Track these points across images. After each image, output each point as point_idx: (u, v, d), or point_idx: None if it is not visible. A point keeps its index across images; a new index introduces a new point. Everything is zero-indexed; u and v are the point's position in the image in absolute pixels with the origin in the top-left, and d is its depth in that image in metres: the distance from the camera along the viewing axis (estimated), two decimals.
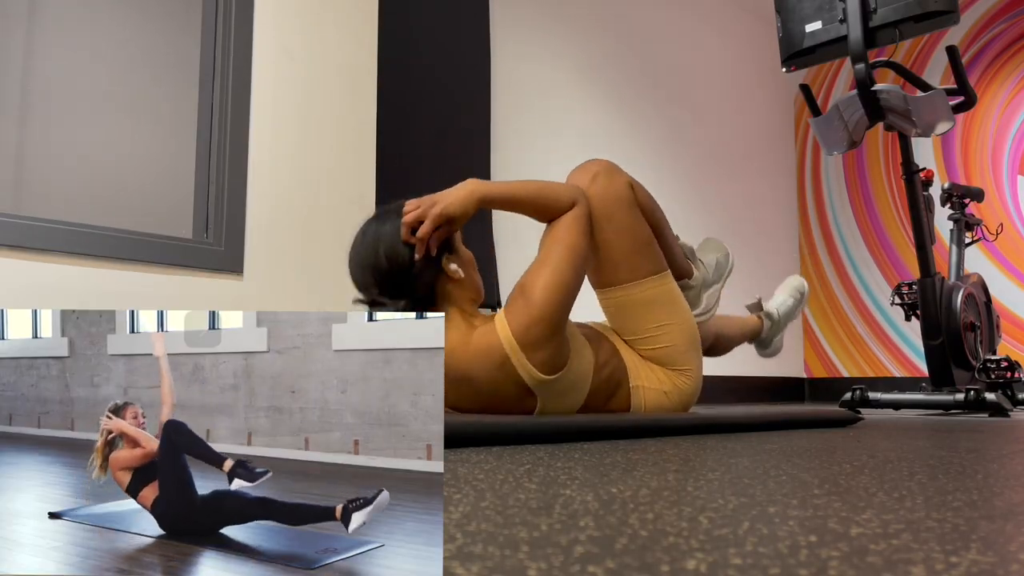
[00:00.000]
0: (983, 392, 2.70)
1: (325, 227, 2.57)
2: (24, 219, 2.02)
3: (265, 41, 2.53)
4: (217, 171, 2.40)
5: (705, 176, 4.87)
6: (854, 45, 2.57)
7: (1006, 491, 0.74)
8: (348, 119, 2.72)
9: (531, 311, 1.51)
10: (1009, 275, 4.67)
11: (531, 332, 1.51)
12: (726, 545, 0.48)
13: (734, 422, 1.68)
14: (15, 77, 2.20)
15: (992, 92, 4.85)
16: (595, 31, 4.25)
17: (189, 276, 2.28)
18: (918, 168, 2.86)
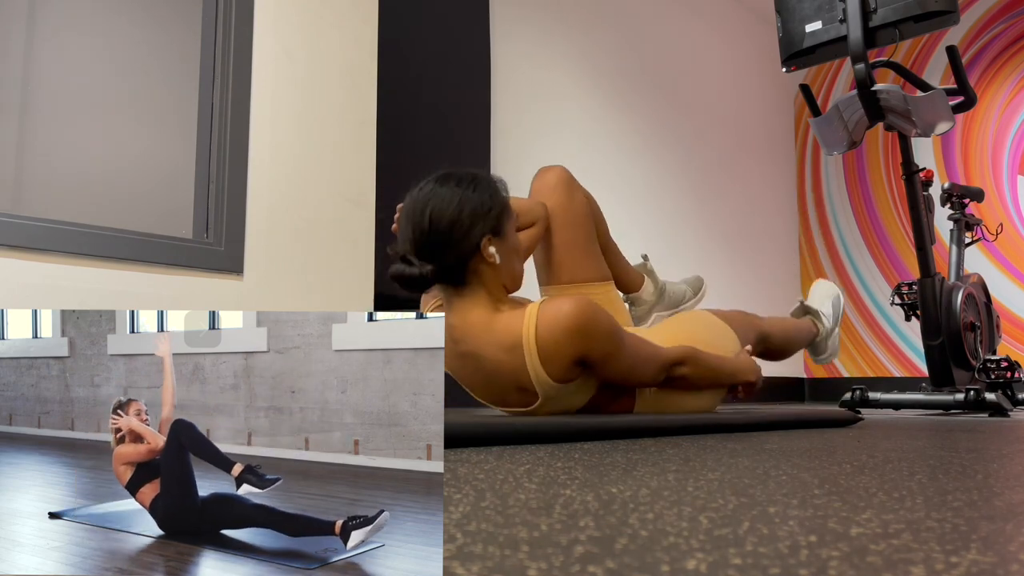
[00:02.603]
0: (983, 392, 2.69)
1: (325, 227, 2.57)
2: (24, 219, 2.02)
3: (265, 41, 2.53)
4: (217, 171, 2.40)
5: (705, 176, 4.87)
6: (854, 45, 2.57)
7: (1006, 491, 0.74)
8: (348, 119, 2.72)
9: (569, 326, 1.51)
10: (1009, 275, 4.67)
11: (556, 344, 1.51)
12: (726, 545, 0.48)
13: (734, 422, 1.68)
14: (15, 77, 2.20)
15: (992, 92, 4.85)
16: (595, 31, 4.25)
17: (189, 276, 2.28)
18: (918, 168, 2.86)
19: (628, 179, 4.34)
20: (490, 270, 1.58)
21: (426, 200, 1.54)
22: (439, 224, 1.52)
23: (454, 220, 1.52)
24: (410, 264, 1.53)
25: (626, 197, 4.21)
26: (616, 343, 1.56)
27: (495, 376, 1.59)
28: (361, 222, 2.66)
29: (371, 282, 2.67)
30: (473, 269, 1.57)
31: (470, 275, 1.58)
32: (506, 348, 1.54)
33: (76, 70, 2.32)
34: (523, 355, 1.52)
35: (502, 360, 1.55)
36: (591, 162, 3.94)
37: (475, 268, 1.57)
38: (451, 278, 1.57)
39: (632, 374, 1.63)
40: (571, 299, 1.53)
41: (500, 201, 1.60)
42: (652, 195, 4.51)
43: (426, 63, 3.25)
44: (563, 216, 1.83)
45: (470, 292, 1.58)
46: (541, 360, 1.52)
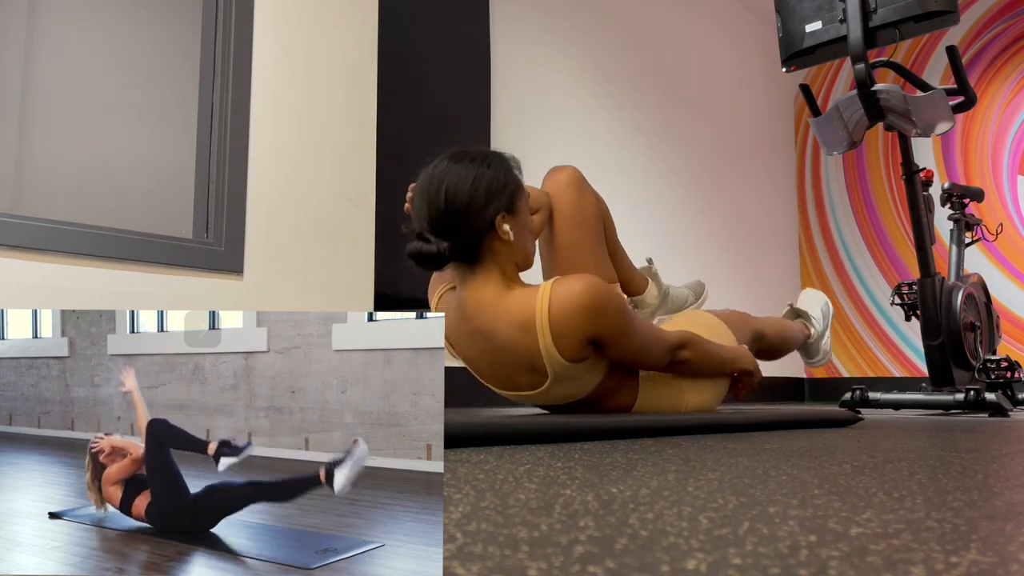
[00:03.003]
0: (983, 392, 2.69)
1: (325, 227, 2.57)
2: (24, 219, 2.02)
3: (265, 41, 2.53)
4: (217, 171, 2.40)
5: (705, 175, 4.87)
6: (854, 45, 2.57)
7: (1006, 491, 0.74)
8: (348, 119, 2.72)
9: (582, 304, 1.52)
10: (1009, 275, 4.67)
11: (569, 321, 1.52)
12: (726, 545, 0.48)
13: (734, 422, 1.68)
14: (15, 77, 2.20)
15: (992, 92, 4.84)
16: (596, 30, 4.25)
17: (189, 276, 2.28)
18: (918, 168, 2.86)
19: (628, 178, 4.34)
20: (504, 248, 1.59)
21: (441, 177, 1.55)
22: (455, 201, 1.53)
23: (470, 197, 1.53)
24: (427, 241, 1.53)
25: (626, 197, 4.21)
26: (627, 322, 1.57)
27: (505, 354, 1.59)
28: (361, 222, 2.66)
29: (371, 282, 2.67)
30: (487, 246, 1.58)
31: (484, 252, 1.58)
32: (518, 325, 1.55)
33: (76, 70, 2.32)
34: (535, 332, 1.53)
35: (513, 337, 1.56)
36: (591, 161, 3.93)
37: (489, 246, 1.58)
38: (466, 255, 1.57)
39: (641, 355, 1.64)
40: (584, 277, 1.54)
41: (514, 179, 1.61)
42: (652, 194, 4.51)
43: (426, 63, 3.25)
44: (572, 216, 1.82)
45: (483, 269, 1.59)
46: (553, 337, 1.53)
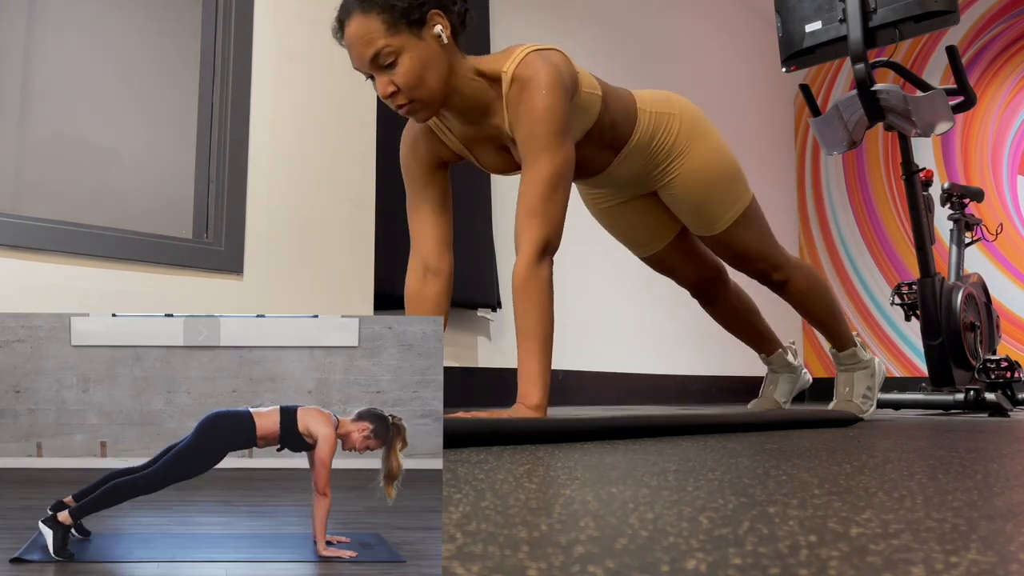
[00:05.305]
0: (983, 392, 2.70)
1: (325, 227, 2.57)
2: (24, 219, 2.02)
3: (265, 41, 2.53)
4: (217, 171, 2.40)
5: None
6: (854, 45, 2.57)
7: (1006, 491, 0.74)
8: (348, 119, 2.72)
9: (542, 92, 1.61)
10: (1009, 275, 4.67)
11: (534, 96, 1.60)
12: (726, 545, 0.48)
13: (734, 422, 1.68)
14: (15, 77, 2.20)
15: (992, 92, 4.85)
16: (595, 29, 4.25)
17: (189, 276, 2.29)
18: (918, 168, 2.86)
19: None
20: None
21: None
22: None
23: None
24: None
25: None
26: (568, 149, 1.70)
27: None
28: (361, 222, 2.66)
29: (371, 282, 2.66)
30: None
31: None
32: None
33: (76, 70, 2.32)
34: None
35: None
36: None
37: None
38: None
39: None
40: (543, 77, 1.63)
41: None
42: None
43: None
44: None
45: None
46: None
